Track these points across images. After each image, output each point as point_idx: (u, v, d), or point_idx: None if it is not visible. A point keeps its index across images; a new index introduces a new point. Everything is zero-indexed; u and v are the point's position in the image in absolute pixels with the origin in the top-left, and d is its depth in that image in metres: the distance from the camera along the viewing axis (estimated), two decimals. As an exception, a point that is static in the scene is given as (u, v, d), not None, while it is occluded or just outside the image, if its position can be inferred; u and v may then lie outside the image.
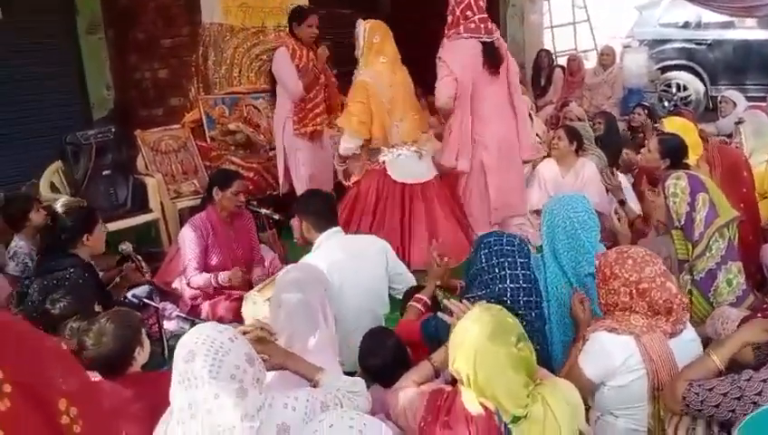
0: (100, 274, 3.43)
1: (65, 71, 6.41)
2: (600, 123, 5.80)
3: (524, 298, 2.47)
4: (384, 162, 4.06)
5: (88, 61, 6.53)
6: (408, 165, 4.07)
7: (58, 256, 3.10)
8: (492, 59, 4.04)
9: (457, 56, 3.93)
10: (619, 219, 3.58)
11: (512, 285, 2.46)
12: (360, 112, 3.94)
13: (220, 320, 3.48)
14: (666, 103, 8.80)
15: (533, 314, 2.49)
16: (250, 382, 1.61)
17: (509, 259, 2.51)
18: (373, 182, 4.08)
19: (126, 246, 3.39)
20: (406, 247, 3.99)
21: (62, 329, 2.45)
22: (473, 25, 3.96)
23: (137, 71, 6.45)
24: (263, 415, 1.61)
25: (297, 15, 4.67)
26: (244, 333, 2.09)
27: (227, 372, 1.57)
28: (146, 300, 3.36)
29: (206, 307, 3.63)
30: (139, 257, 3.40)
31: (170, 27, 6.00)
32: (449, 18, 4.01)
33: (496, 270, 2.49)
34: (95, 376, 2.08)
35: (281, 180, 4.86)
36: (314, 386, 2.02)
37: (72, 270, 2.95)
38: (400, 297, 3.08)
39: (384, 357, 2.44)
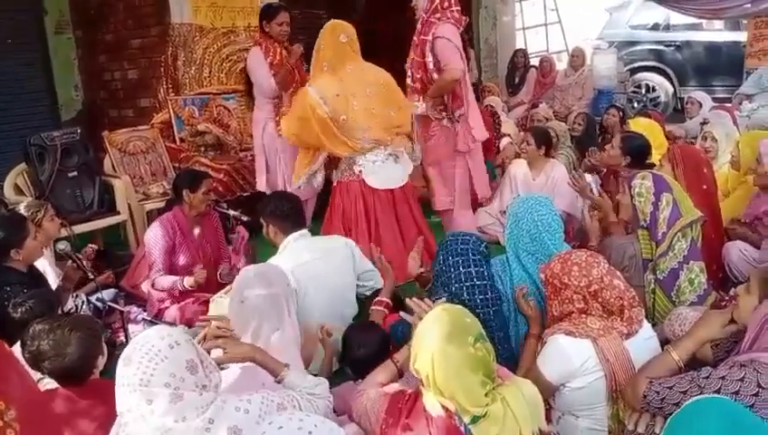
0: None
1: (33, 71, 6.32)
2: (580, 124, 5.87)
3: (479, 296, 2.51)
4: (360, 171, 3.82)
5: (56, 61, 6.45)
6: (385, 170, 3.83)
7: None
8: (465, 46, 4.17)
9: (454, 37, 3.99)
10: (593, 207, 3.62)
11: (467, 284, 2.50)
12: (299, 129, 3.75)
13: (188, 323, 3.46)
14: (635, 104, 8.92)
15: (491, 313, 2.51)
16: (190, 388, 1.58)
17: (463, 258, 2.55)
18: (357, 195, 3.84)
19: (64, 246, 3.30)
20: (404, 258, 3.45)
21: (23, 333, 2.40)
22: (457, 15, 4.06)
23: (106, 71, 6.38)
24: (210, 415, 1.59)
25: (268, 13, 4.64)
26: (204, 338, 2.10)
27: (160, 379, 1.55)
28: (111, 303, 3.33)
29: (173, 310, 3.59)
30: (80, 256, 3.31)
31: (140, 27, 5.93)
32: (426, 4, 4.01)
33: (452, 270, 2.53)
34: (51, 383, 2.05)
35: (261, 181, 4.79)
36: (279, 382, 2.02)
37: (8, 289, 2.81)
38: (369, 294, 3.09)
39: (371, 349, 2.44)
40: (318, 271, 2.92)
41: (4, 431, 1.13)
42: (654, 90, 9.14)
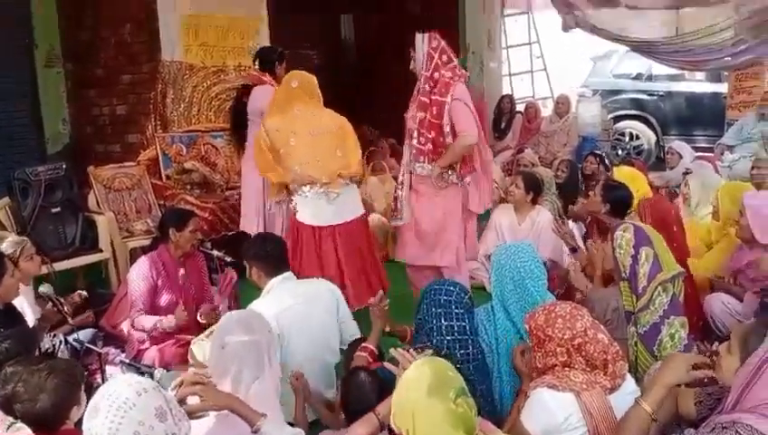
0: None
1: (21, 103, 6.31)
2: (563, 171, 5.95)
3: (461, 350, 2.50)
4: (294, 205, 3.95)
5: (44, 94, 6.45)
6: (314, 207, 3.88)
7: None
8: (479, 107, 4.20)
9: (469, 101, 3.94)
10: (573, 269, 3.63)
11: (448, 337, 2.50)
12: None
13: (167, 365, 3.40)
14: (619, 152, 9.06)
15: (471, 368, 2.50)
16: None
17: (446, 310, 2.55)
18: (294, 228, 3.97)
19: (46, 289, 3.27)
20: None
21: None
22: (459, 71, 4.00)
23: (95, 106, 6.39)
24: None
25: (276, 56, 4.79)
26: (181, 383, 2.07)
27: (129, 428, 1.53)
28: (89, 345, 3.27)
29: (152, 352, 3.53)
30: (61, 300, 3.27)
31: (130, 64, 5.98)
32: (426, 62, 3.95)
33: (434, 321, 2.53)
34: (24, 428, 2.00)
35: (255, 221, 4.75)
36: (255, 432, 1.99)
37: None
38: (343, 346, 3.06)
39: (370, 402, 2.38)
40: (301, 316, 2.90)
41: None
42: (637, 138, 9.30)
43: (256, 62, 4.97)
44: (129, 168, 5.27)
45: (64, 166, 4.55)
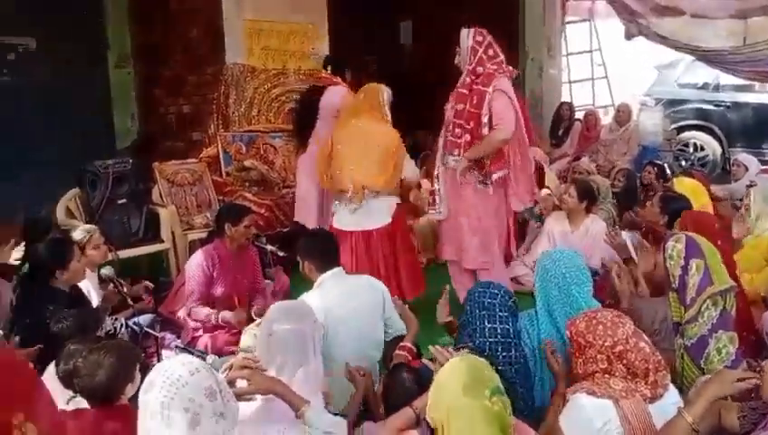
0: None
1: (94, 101, 6.65)
2: (620, 180, 5.86)
3: (503, 353, 2.51)
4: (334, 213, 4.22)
5: (115, 93, 6.79)
6: (340, 213, 4.13)
7: (37, 288, 3.13)
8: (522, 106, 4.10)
9: (512, 92, 3.90)
10: (618, 276, 3.58)
11: (491, 340, 2.50)
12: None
13: (218, 352, 3.55)
14: (683, 162, 8.81)
15: (513, 370, 2.50)
16: (208, 415, 1.64)
17: (489, 312, 2.56)
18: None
19: (108, 271, 3.49)
20: None
21: (61, 349, 2.51)
22: (505, 67, 3.97)
23: (161, 105, 6.67)
24: None
25: (345, 62, 5.05)
26: (230, 367, 2.17)
27: (180, 404, 1.61)
28: (147, 329, 3.45)
29: (205, 339, 3.69)
30: (122, 281, 3.48)
31: (196, 66, 6.24)
32: (469, 56, 3.96)
33: (477, 322, 2.54)
34: (83, 403, 2.14)
35: (311, 219, 4.88)
36: (298, 417, 2.05)
37: (50, 307, 2.93)
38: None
39: (410, 398, 2.43)
40: (348, 311, 2.97)
41: None
42: (702, 149, 9.03)
43: (328, 68, 5.13)
44: (192, 164, 5.47)
45: (131, 160, 4.78)
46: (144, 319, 3.70)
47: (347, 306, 3.01)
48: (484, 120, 3.85)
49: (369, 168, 3.97)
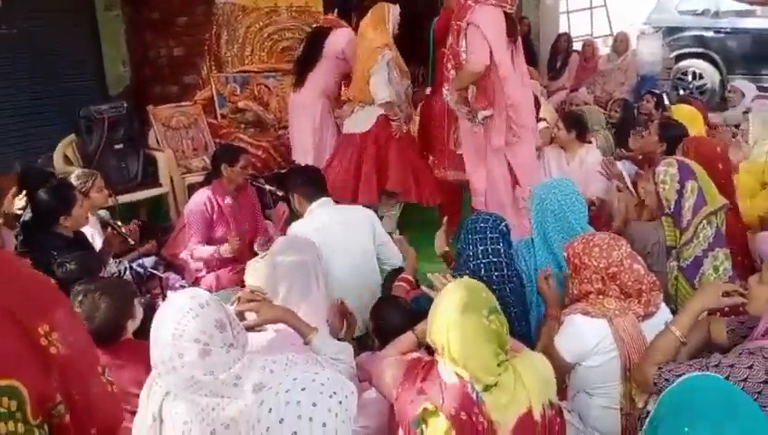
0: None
1: (84, 46, 6.52)
2: (616, 111, 5.82)
3: (496, 273, 2.58)
4: None
5: (105, 37, 6.64)
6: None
7: (40, 235, 3.16)
8: (513, 29, 3.93)
9: (490, 24, 3.75)
10: (619, 189, 3.62)
11: (484, 261, 2.57)
12: None
13: (223, 290, 3.62)
14: (681, 91, 8.73)
15: (507, 289, 2.58)
16: (218, 345, 1.69)
17: (480, 236, 2.63)
18: None
19: (103, 213, 3.52)
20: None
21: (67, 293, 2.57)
22: None
23: (152, 48, 6.54)
24: (237, 372, 1.71)
25: (352, 5, 5.02)
26: (238, 300, 2.23)
27: (191, 335, 1.66)
28: (151, 270, 3.52)
29: (209, 278, 3.75)
30: (119, 223, 3.51)
31: (185, 6, 6.08)
32: None
33: (470, 247, 2.61)
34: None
35: (311, 157, 4.84)
36: (306, 344, 2.11)
37: (55, 253, 2.97)
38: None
39: (399, 321, 2.50)
40: (338, 235, 3.03)
41: (47, 349, 1.24)
42: (701, 77, 8.92)
43: (335, 10, 5.01)
44: (186, 107, 5.45)
45: (125, 104, 4.77)
46: (148, 261, 3.77)
47: (336, 231, 3.07)
48: (463, 55, 3.80)
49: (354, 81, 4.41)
